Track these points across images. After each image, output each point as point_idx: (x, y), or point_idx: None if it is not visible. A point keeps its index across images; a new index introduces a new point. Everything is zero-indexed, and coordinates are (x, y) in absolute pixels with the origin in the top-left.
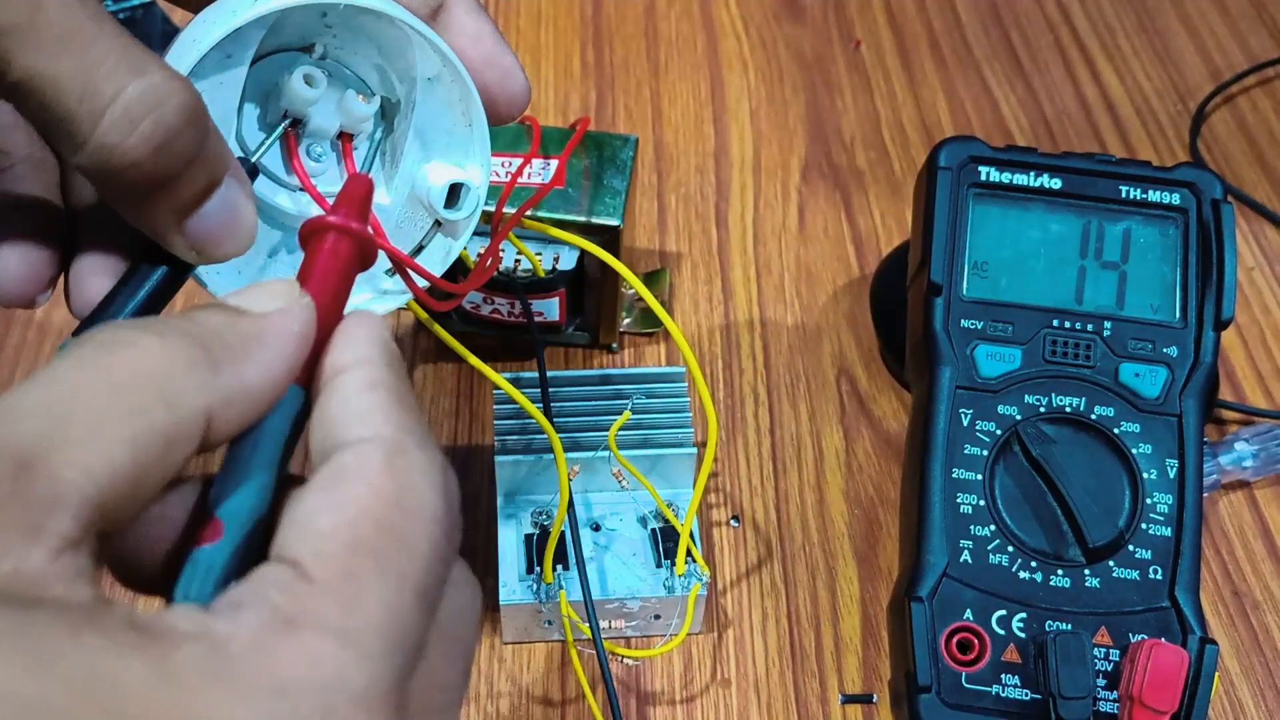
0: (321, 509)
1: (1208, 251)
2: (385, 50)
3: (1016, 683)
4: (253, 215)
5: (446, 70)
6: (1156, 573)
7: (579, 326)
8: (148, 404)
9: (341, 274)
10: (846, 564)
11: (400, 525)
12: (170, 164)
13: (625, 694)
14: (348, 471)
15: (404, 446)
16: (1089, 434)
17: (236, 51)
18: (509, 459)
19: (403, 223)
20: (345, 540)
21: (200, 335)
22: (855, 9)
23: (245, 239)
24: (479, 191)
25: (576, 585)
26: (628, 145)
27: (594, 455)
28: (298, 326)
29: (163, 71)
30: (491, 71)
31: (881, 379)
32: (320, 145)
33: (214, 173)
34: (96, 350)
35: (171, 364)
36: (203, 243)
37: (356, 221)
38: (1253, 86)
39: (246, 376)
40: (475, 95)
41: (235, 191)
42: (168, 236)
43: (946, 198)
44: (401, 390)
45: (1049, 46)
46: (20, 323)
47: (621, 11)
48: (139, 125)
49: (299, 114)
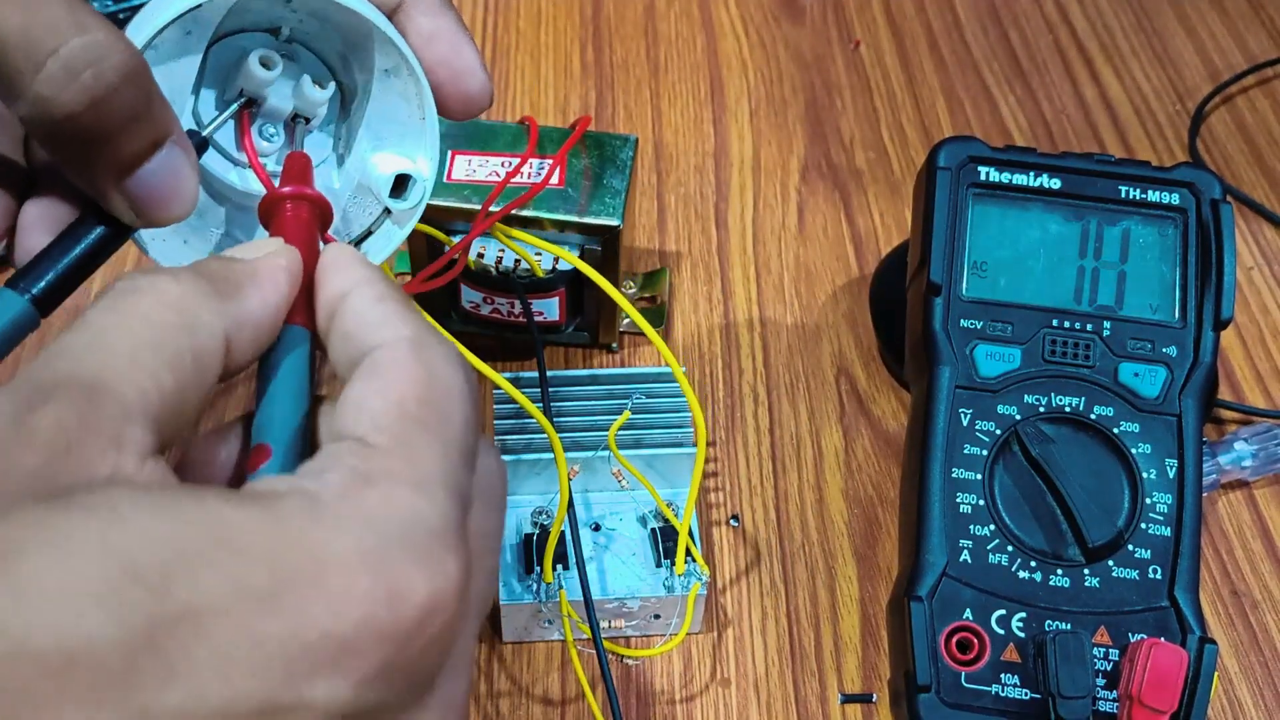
0: (369, 394)
1: (1207, 251)
2: (348, 38)
3: (1016, 682)
4: (194, 182)
5: (404, 64)
6: (1156, 572)
7: (579, 326)
8: (176, 331)
9: (308, 229)
10: (846, 563)
11: (438, 400)
12: (108, 120)
13: (625, 694)
14: (383, 364)
15: (426, 341)
16: (1088, 434)
17: (196, 29)
18: (509, 459)
19: (350, 208)
20: (396, 415)
21: (208, 274)
22: (854, 9)
23: (185, 204)
24: (425, 184)
25: (576, 585)
26: (627, 145)
27: (594, 455)
28: (285, 262)
29: (106, 31)
30: (445, 70)
31: (881, 379)
32: (273, 126)
33: (156, 134)
34: (123, 295)
35: (187, 297)
36: (141, 203)
37: (307, 188)
38: (1251, 87)
39: (251, 304)
40: (427, 91)
41: (178, 156)
42: (106, 194)
43: (946, 198)
44: (405, 299)
45: (1048, 47)
46: None
47: (621, 11)
48: (77, 78)
49: (255, 94)
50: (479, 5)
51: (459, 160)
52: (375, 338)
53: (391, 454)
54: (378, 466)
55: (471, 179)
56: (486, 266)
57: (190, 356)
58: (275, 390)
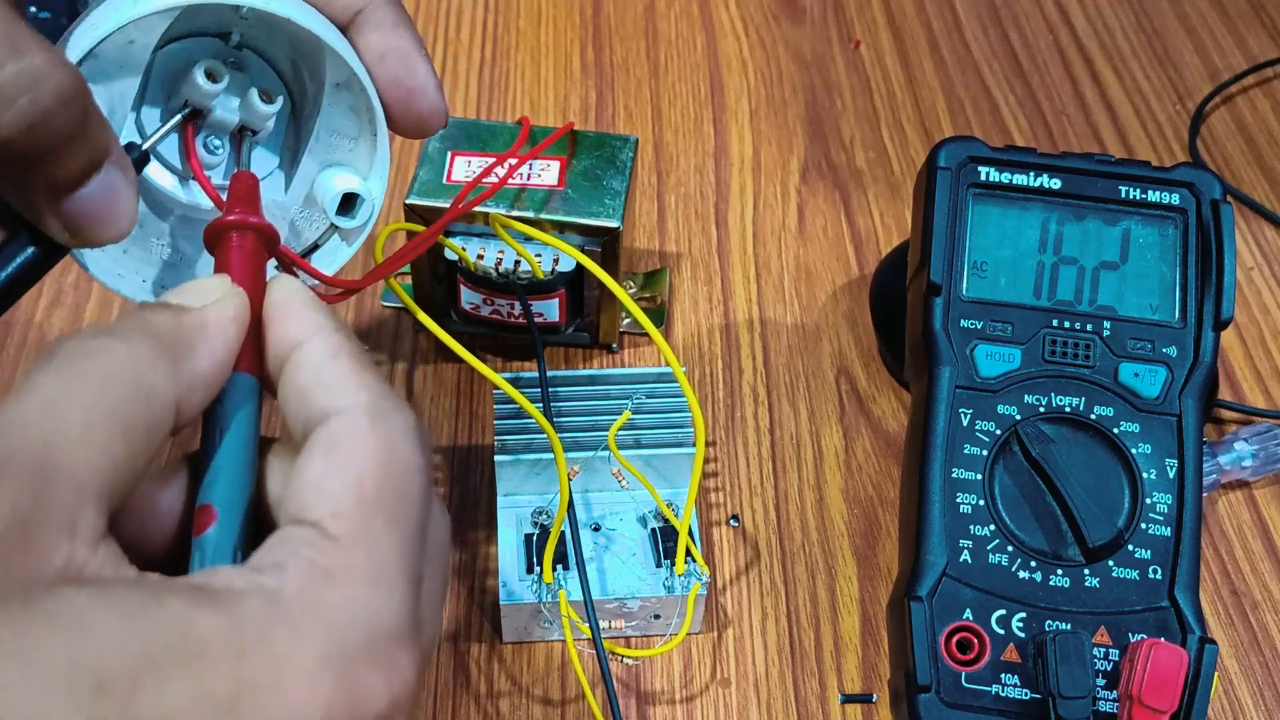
0: (327, 474)
1: (1207, 251)
2: (299, 48)
3: (1016, 682)
4: (133, 202)
5: (355, 80)
6: (1156, 572)
7: (579, 326)
8: (128, 401)
9: (254, 262)
10: (846, 563)
11: (396, 478)
12: (43, 143)
13: (625, 694)
14: (340, 438)
15: (383, 410)
16: (1088, 434)
17: (139, 37)
18: (509, 459)
19: (298, 220)
20: (355, 498)
21: (156, 334)
22: (854, 9)
23: (123, 225)
24: (373, 203)
25: (576, 585)
26: (627, 145)
27: (594, 455)
28: (232, 312)
29: (43, 54)
30: (397, 89)
31: (881, 378)
32: (219, 138)
33: (94, 155)
34: (71, 360)
35: (139, 363)
36: (78, 225)
37: (254, 215)
38: (1251, 87)
39: (201, 365)
40: (378, 110)
41: (116, 177)
42: (42, 215)
43: (946, 198)
44: (359, 352)
45: (1048, 47)
46: (20, 326)
47: (621, 11)
48: (12, 105)
49: (200, 106)
50: (479, 5)
51: (458, 160)
52: (331, 402)
53: (351, 548)
54: (338, 563)
55: (470, 179)
56: (487, 269)
57: (142, 426)
58: (223, 450)
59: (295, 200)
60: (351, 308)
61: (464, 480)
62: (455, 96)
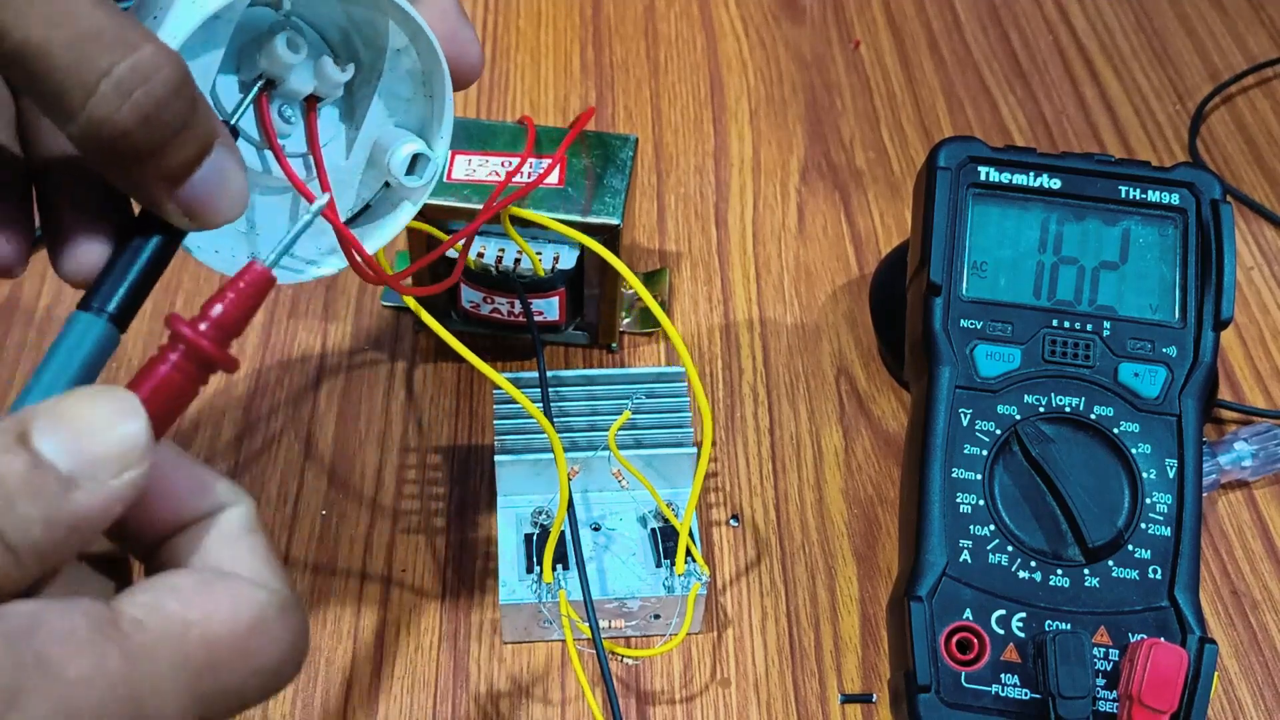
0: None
1: (1207, 251)
2: (353, 15)
3: (1016, 682)
4: (243, 181)
5: (415, 43)
6: (1156, 572)
7: (579, 326)
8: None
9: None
10: (846, 563)
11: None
12: (159, 134)
13: (625, 694)
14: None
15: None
16: (1088, 434)
17: (224, 13)
18: (509, 459)
19: (353, 181)
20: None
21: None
22: (854, 9)
23: (237, 204)
24: (438, 162)
25: (576, 585)
26: (627, 145)
27: (594, 455)
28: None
29: (151, 45)
30: (452, 46)
31: (880, 378)
32: (291, 107)
33: (204, 141)
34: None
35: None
36: (195, 209)
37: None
38: (1251, 87)
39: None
40: (445, 70)
41: (225, 158)
42: (161, 203)
43: (946, 198)
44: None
45: (1048, 47)
46: (21, 321)
47: (621, 11)
48: (129, 98)
49: (276, 76)
50: (479, 5)
51: (459, 160)
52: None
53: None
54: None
55: (471, 179)
56: (486, 266)
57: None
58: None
59: (356, 165)
60: (351, 308)
61: (464, 480)
62: (455, 96)
